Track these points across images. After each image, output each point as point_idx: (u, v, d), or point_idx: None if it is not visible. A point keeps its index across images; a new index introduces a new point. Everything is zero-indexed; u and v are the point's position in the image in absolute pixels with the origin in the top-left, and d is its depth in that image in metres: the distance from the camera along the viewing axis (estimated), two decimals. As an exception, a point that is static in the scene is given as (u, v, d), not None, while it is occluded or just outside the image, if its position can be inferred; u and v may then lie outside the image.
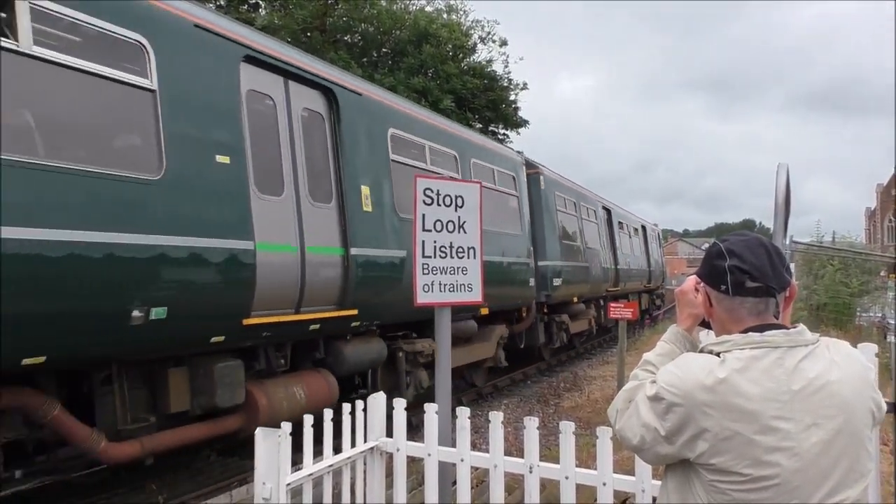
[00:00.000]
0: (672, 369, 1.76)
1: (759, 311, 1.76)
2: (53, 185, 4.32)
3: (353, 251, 7.00)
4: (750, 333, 1.72)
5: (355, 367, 7.56)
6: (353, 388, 7.89)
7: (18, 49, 4.24)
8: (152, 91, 5.08)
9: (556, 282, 13.16)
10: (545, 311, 13.46)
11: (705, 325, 1.97)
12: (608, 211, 19.48)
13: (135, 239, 4.73)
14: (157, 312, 4.91)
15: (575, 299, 14.84)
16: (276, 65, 6.40)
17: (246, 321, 5.80)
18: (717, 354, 1.72)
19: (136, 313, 4.77)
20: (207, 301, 5.43)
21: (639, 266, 22.95)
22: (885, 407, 1.78)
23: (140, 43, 5.03)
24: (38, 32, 4.37)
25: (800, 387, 1.64)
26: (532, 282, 11.79)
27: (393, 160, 8.01)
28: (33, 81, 4.42)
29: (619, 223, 20.77)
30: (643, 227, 25.62)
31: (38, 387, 4.96)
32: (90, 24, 4.70)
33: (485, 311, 10.11)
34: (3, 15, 4.21)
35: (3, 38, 4.15)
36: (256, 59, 6.15)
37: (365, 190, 7.36)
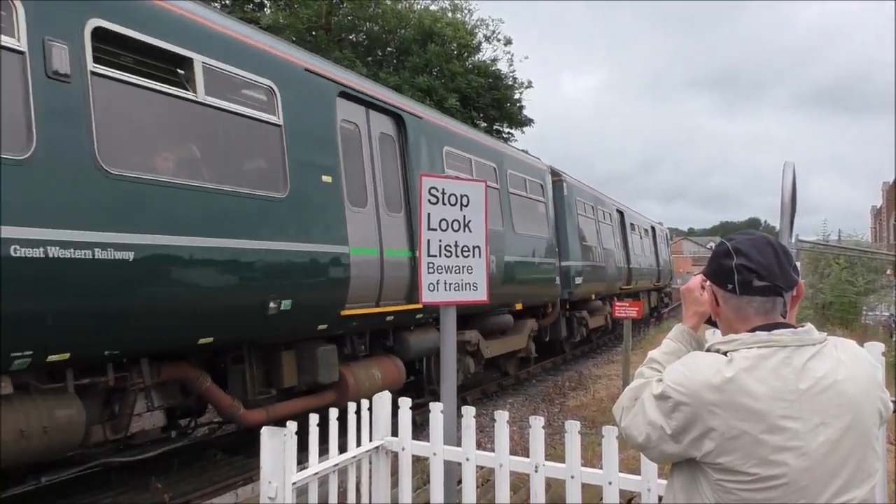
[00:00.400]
0: (679, 368, 1.75)
1: (766, 310, 1.75)
2: (219, 204, 5.56)
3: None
4: (757, 332, 1.71)
5: (417, 353, 8.77)
6: (414, 371, 9.10)
7: (196, 99, 5.50)
8: (279, 126, 6.29)
9: (578, 280, 14.09)
10: (567, 307, 14.34)
11: (711, 323, 1.96)
12: (621, 213, 20.56)
13: (272, 245, 5.99)
14: (285, 304, 6.10)
15: (593, 296, 15.83)
16: (360, 97, 7.62)
17: (342, 312, 6.96)
18: (725, 353, 1.71)
19: (272, 305, 5.97)
20: (318, 295, 6.65)
21: (649, 265, 24.04)
22: (892, 406, 1.77)
23: (271, 87, 6.27)
24: (208, 85, 5.60)
25: (807, 386, 1.63)
26: (557, 280, 12.87)
27: (447, 173, 9.14)
28: (205, 123, 5.71)
29: (631, 225, 21.77)
30: (652, 228, 26.69)
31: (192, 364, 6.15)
32: (240, 75, 5.98)
33: (519, 306, 11.18)
34: (183, 72, 5.49)
35: (184, 91, 5.43)
36: (347, 94, 7.38)
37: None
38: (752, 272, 1.74)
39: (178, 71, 5.51)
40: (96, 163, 4.61)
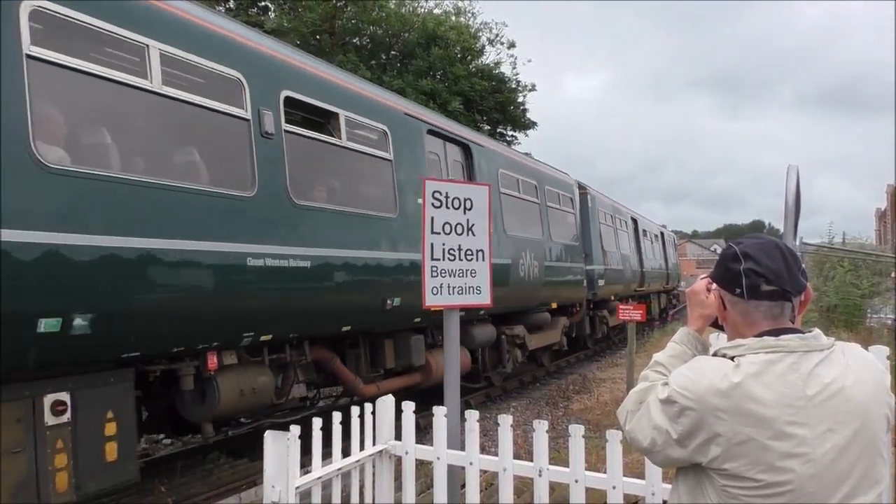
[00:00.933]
0: (685, 372, 1.74)
1: (774, 314, 1.74)
2: (362, 224, 7.27)
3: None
4: (765, 337, 1.70)
5: (479, 343, 10.25)
6: (474, 359, 10.52)
7: (340, 144, 7.07)
8: (391, 160, 7.93)
9: (600, 282, 15.81)
10: (591, 307, 15.81)
11: (716, 325, 1.95)
12: (635, 221, 22.45)
13: (390, 255, 7.69)
14: (396, 301, 7.70)
15: (612, 297, 17.46)
16: (440, 132, 9.22)
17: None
18: (732, 358, 1.70)
19: (388, 302, 7.59)
20: (416, 294, 6.86)
21: (659, 268, 25.96)
22: None
23: (385, 130, 7.90)
24: (347, 132, 7.19)
25: (815, 392, 1.62)
26: (584, 282, 14.51)
27: (501, 192, 10.78)
28: (346, 163, 7.44)
29: (644, 231, 23.69)
30: (661, 234, 28.87)
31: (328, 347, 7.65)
32: (367, 123, 7.61)
33: (554, 305, 12.91)
34: (331, 123, 7.04)
35: (332, 137, 6.99)
36: (432, 131, 9.01)
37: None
38: (761, 276, 1.72)
39: (328, 123, 7.11)
40: (289, 197, 6.15)
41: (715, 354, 1.78)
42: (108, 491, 5.09)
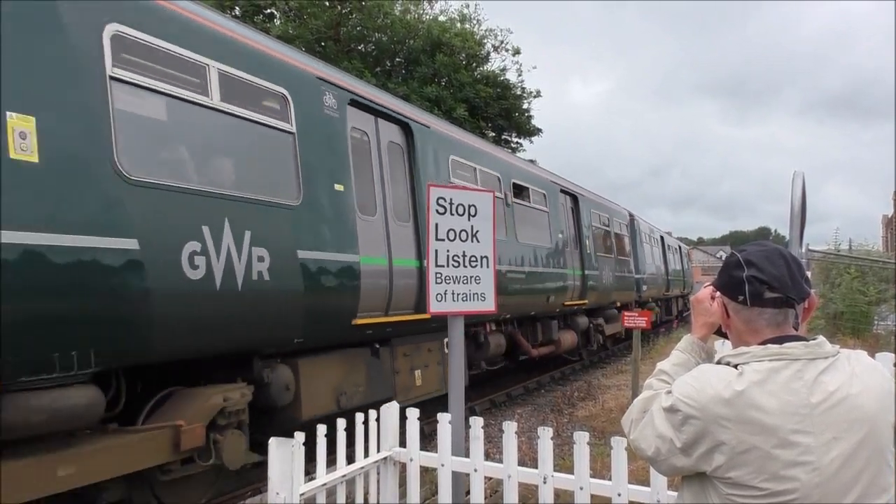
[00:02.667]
0: (689, 381, 1.73)
1: (777, 322, 1.73)
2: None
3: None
4: (769, 345, 1.69)
5: (580, 329, 14.53)
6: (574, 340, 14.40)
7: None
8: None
9: (644, 287, 20.59)
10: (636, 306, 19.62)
11: (720, 333, 1.94)
12: (662, 238, 27.51)
13: (556, 271, 12.27)
14: (552, 298, 12.32)
15: (650, 299, 22.30)
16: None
17: (566, 303, 13.36)
18: (735, 366, 1.69)
19: (551, 298, 11.74)
20: (557, 293, 12.84)
21: (677, 276, 30.66)
22: None
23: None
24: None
25: (819, 400, 1.61)
26: (634, 287, 19.24)
27: (592, 226, 15.30)
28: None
29: (668, 245, 28.87)
30: (679, 247, 34.53)
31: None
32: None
33: (618, 303, 17.10)
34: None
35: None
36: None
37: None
38: (764, 283, 1.72)
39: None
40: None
41: (719, 362, 1.77)
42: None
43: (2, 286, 3.69)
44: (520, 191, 11.53)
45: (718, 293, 1.88)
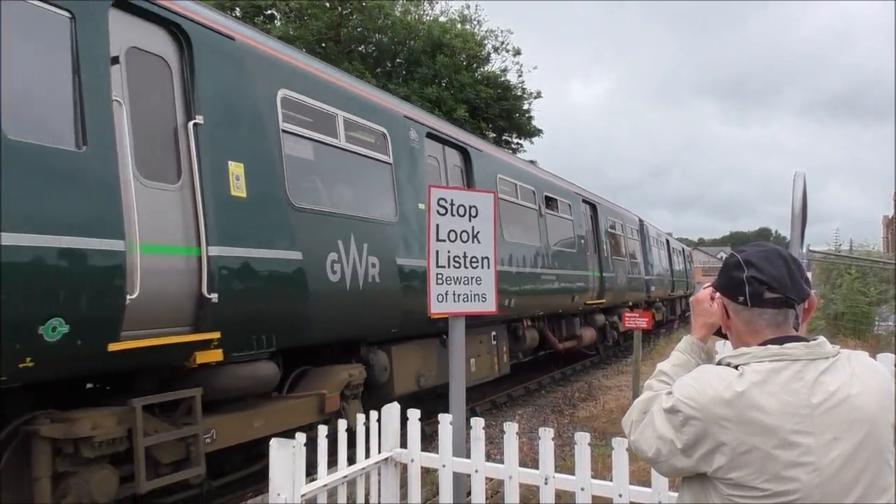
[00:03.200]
0: (689, 382, 1.74)
1: (777, 322, 1.74)
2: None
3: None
4: (769, 346, 1.70)
5: (598, 326, 16.00)
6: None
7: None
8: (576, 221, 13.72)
9: (652, 288, 21.89)
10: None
11: (719, 334, 1.95)
12: (668, 241, 29.43)
13: (580, 272, 14.19)
14: (576, 297, 13.54)
15: (657, 299, 23.60)
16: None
17: (587, 301, 14.71)
18: (736, 367, 1.70)
19: (575, 298, 13.45)
20: (580, 293, 14.06)
21: (680, 277, 31.86)
22: None
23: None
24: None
25: (820, 400, 1.62)
26: (644, 287, 20.77)
27: (608, 231, 17.06)
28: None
29: (672, 248, 30.57)
30: (683, 249, 35.86)
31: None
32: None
33: (630, 303, 18.53)
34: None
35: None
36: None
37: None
38: (764, 284, 1.72)
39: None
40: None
41: (719, 363, 1.77)
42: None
43: (233, 289, 5.18)
44: (550, 202, 13.04)
45: (718, 294, 1.88)
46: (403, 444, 3.94)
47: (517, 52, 33.13)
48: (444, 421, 3.78)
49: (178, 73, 5.09)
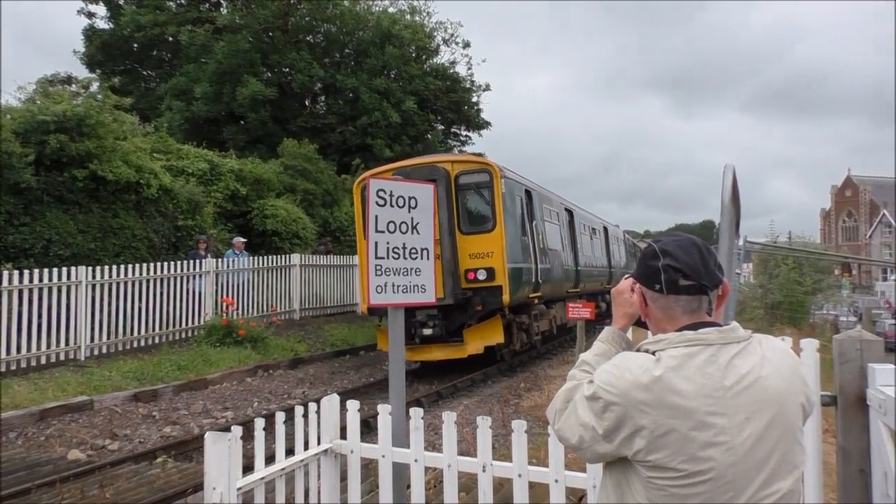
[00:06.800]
0: (609, 368, 1.78)
1: (692, 308, 1.79)
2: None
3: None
4: (684, 332, 1.74)
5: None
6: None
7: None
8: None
9: (615, 277, 24.32)
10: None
11: (640, 323, 1.99)
12: (635, 243, 35.95)
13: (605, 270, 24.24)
14: (587, 286, 20.92)
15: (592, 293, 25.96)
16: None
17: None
18: (653, 353, 1.74)
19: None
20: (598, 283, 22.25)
21: (625, 268, 35.17)
22: (814, 400, 1.81)
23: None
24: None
25: (732, 382, 1.67)
26: (608, 277, 23.91)
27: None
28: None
29: (633, 243, 35.95)
30: (634, 243, 38.57)
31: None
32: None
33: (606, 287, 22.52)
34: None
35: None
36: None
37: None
38: (679, 272, 1.77)
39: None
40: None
41: (638, 350, 1.82)
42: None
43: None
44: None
45: (637, 283, 1.93)
46: (344, 436, 3.93)
47: (466, 45, 33.16)
48: (384, 411, 3.78)
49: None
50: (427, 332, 12.64)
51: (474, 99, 33.11)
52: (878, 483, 2.67)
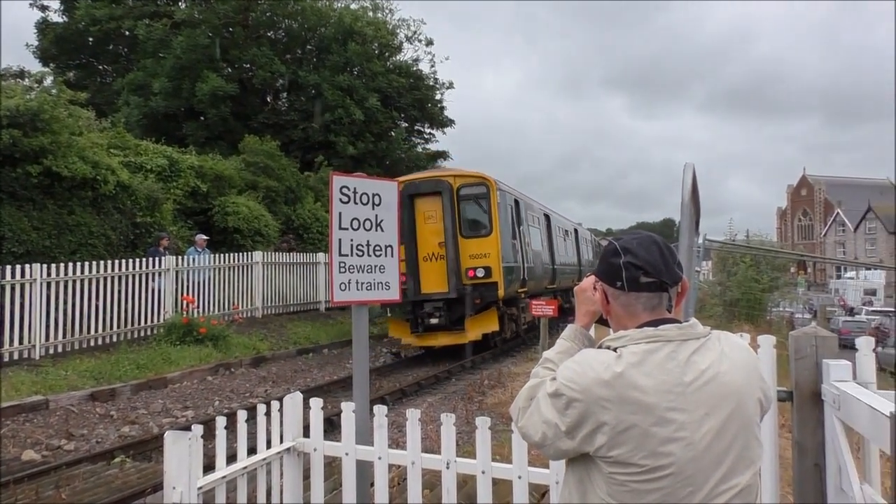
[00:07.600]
0: (571, 365, 1.79)
1: (653, 305, 1.81)
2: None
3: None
4: (645, 328, 1.77)
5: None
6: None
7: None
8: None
9: (583, 274, 24.49)
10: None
11: (602, 321, 2.02)
12: (598, 241, 36.08)
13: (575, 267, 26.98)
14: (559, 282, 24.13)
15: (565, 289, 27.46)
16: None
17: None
18: (615, 350, 1.76)
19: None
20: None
21: (592, 266, 36.33)
22: (771, 396, 1.85)
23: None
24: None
25: (692, 378, 1.70)
26: (578, 274, 25.46)
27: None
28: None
29: (598, 243, 36.27)
30: (598, 242, 39.93)
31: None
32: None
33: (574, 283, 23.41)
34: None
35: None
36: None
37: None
38: (639, 269, 1.79)
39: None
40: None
41: (600, 347, 1.84)
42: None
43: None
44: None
45: (599, 281, 1.95)
46: (307, 435, 3.90)
47: (430, 42, 33.17)
48: (347, 409, 3.77)
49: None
50: (434, 321, 14.76)
51: (438, 97, 33.13)
52: (832, 477, 2.74)
